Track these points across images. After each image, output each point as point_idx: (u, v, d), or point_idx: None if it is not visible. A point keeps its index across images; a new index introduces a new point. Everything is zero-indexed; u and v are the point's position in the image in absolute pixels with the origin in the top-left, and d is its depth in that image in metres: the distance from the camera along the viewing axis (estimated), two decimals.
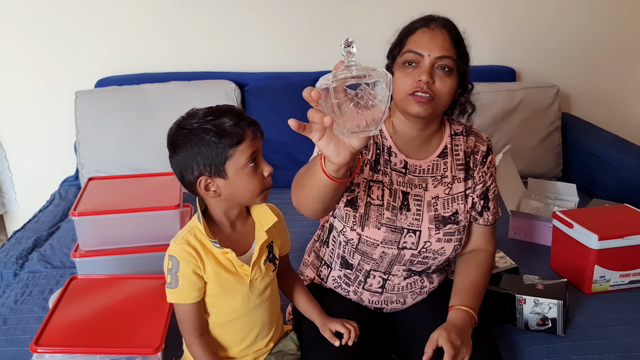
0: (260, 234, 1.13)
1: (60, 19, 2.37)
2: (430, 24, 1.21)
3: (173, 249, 1.08)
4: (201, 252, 1.08)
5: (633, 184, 2.08)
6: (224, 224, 1.13)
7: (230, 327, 1.14)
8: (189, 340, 1.11)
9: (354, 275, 1.30)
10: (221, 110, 1.06)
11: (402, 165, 1.25)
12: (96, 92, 2.34)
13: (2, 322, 1.46)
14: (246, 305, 1.12)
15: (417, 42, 1.19)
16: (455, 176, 1.26)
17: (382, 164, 1.24)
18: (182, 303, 1.09)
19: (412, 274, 1.29)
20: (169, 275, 1.08)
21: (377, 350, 1.26)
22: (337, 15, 2.47)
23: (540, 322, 1.35)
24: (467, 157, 1.28)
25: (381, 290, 1.30)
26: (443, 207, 1.25)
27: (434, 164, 1.26)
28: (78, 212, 1.54)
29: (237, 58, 2.49)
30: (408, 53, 1.19)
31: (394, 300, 1.31)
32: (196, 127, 1.04)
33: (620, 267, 1.51)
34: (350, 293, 1.32)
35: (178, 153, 1.07)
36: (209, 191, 1.07)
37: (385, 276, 1.28)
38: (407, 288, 1.30)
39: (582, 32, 2.63)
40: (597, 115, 2.67)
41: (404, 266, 1.27)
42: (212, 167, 1.05)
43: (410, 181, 1.24)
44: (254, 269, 1.11)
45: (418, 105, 1.16)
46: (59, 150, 2.51)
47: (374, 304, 1.32)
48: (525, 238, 1.86)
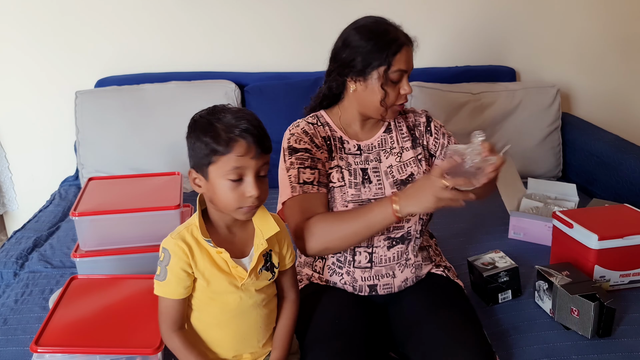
0: (260, 241, 1.12)
1: (61, 19, 2.37)
2: (404, 39, 1.32)
3: (168, 242, 1.09)
4: (195, 249, 1.08)
5: (633, 184, 2.08)
6: (220, 226, 1.13)
7: (225, 327, 1.13)
8: (166, 334, 1.11)
9: (343, 257, 1.36)
10: (239, 115, 1.04)
11: (356, 149, 1.40)
12: (96, 92, 2.34)
13: (2, 322, 1.46)
14: (239, 305, 1.12)
15: (404, 61, 1.31)
16: (402, 146, 1.42)
17: (335, 151, 1.38)
18: (167, 297, 1.09)
19: (394, 243, 1.36)
20: (159, 266, 1.08)
21: (376, 348, 1.27)
22: (337, 16, 2.47)
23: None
24: (411, 130, 1.45)
25: (370, 264, 1.35)
26: (399, 172, 1.39)
27: (382, 139, 1.42)
28: (78, 212, 1.54)
29: (237, 58, 2.50)
30: (398, 72, 1.31)
31: (383, 273, 1.36)
32: (204, 122, 1.04)
33: (620, 267, 1.51)
34: (344, 275, 1.37)
35: (188, 135, 1.08)
36: (195, 184, 1.09)
37: (369, 249, 1.35)
38: (393, 259, 1.37)
39: (583, 32, 2.63)
40: (597, 115, 2.67)
41: (383, 235, 1.35)
42: (198, 163, 1.06)
43: (366, 158, 1.39)
44: (250, 276, 1.11)
45: (395, 113, 1.36)
46: (59, 150, 2.51)
47: (366, 281, 1.36)
48: (525, 238, 1.86)
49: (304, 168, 1.31)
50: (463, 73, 2.53)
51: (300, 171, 1.31)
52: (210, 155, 1.03)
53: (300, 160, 1.32)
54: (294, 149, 1.33)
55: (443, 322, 1.25)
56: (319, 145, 1.36)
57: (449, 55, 2.57)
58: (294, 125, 1.39)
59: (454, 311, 1.29)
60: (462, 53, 2.59)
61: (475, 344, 1.19)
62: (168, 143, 2.21)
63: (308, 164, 1.31)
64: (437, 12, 2.50)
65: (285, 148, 1.35)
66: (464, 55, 2.59)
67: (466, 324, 1.25)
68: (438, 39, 2.54)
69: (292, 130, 1.37)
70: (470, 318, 1.28)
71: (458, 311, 1.29)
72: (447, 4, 2.50)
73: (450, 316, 1.26)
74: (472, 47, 2.60)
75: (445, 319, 1.26)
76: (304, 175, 1.30)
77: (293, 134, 1.36)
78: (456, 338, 1.20)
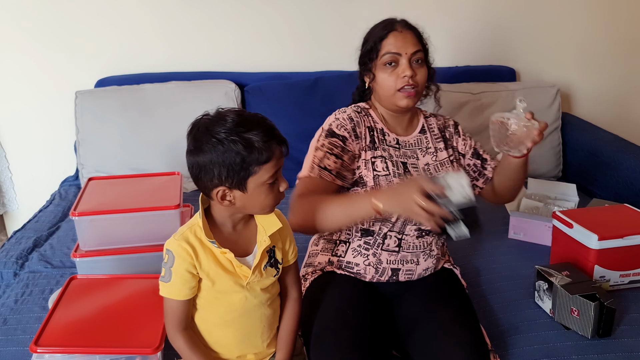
0: (263, 238, 1.12)
1: (61, 19, 2.37)
2: (396, 26, 1.40)
3: (171, 244, 1.08)
4: (199, 250, 1.08)
5: (633, 184, 2.08)
6: (226, 225, 1.13)
7: (230, 327, 1.14)
8: (171, 333, 1.11)
9: (373, 240, 1.40)
10: (253, 122, 1.03)
11: (395, 142, 1.44)
12: (96, 92, 2.34)
13: (2, 322, 1.46)
14: (244, 305, 1.12)
15: (393, 44, 1.37)
16: (437, 147, 1.48)
17: (377, 142, 1.41)
18: (172, 298, 1.09)
19: (423, 233, 1.41)
20: (164, 268, 1.08)
21: (380, 342, 1.28)
22: (337, 16, 2.48)
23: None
24: (442, 132, 1.51)
25: (397, 249, 1.39)
26: (435, 171, 1.45)
27: (418, 139, 1.48)
28: (78, 212, 1.54)
29: (237, 58, 2.50)
30: (387, 55, 1.37)
31: (409, 259, 1.40)
32: (225, 137, 1.00)
33: (620, 267, 1.51)
34: (370, 257, 1.39)
35: (200, 156, 1.03)
36: (224, 200, 1.06)
37: (400, 235, 1.39)
38: (419, 247, 1.41)
39: (583, 32, 2.63)
40: (597, 115, 2.67)
41: (415, 225, 1.39)
42: (234, 180, 1.03)
43: (405, 153, 1.44)
44: (255, 273, 1.11)
45: (407, 98, 1.38)
46: (59, 150, 2.51)
47: (391, 264, 1.39)
48: (525, 238, 1.86)
49: (331, 154, 1.35)
50: (463, 73, 2.53)
51: (327, 156, 1.35)
52: (251, 167, 1.02)
53: (331, 146, 1.36)
54: (332, 133, 1.38)
55: (438, 318, 1.26)
56: (358, 135, 1.39)
57: (449, 55, 2.57)
58: (341, 111, 1.43)
59: (452, 309, 1.30)
60: (462, 53, 2.59)
61: (471, 342, 1.20)
62: (168, 143, 2.20)
63: (336, 152, 1.35)
64: (437, 13, 2.50)
65: (325, 129, 1.39)
66: (464, 55, 2.59)
67: (461, 321, 1.25)
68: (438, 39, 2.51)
69: (337, 115, 1.41)
70: (468, 317, 1.29)
71: (456, 310, 1.30)
72: (447, 4, 2.50)
73: (448, 314, 1.27)
74: (472, 47, 2.60)
75: (443, 317, 1.26)
76: (328, 161, 1.34)
77: (338, 118, 1.40)
78: (452, 336, 1.21)
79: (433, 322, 1.26)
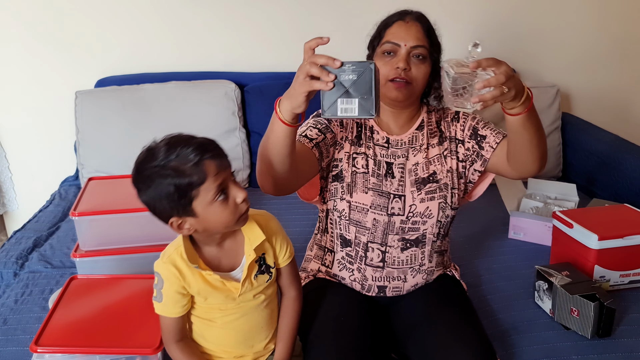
0: (249, 252, 1.10)
1: (61, 19, 2.37)
2: (405, 17, 1.35)
3: (159, 266, 1.09)
4: (186, 272, 1.07)
5: (633, 184, 2.08)
6: (208, 244, 1.11)
7: (227, 329, 1.14)
8: (168, 345, 1.14)
9: (354, 252, 1.36)
10: (181, 145, 0.99)
11: (385, 141, 1.38)
12: (96, 92, 2.34)
13: (2, 322, 1.46)
14: (238, 311, 1.12)
15: (395, 34, 1.32)
16: (429, 143, 1.38)
17: (364, 139, 1.36)
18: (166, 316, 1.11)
19: (408, 245, 1.34)
20: (155, 289, 1.10)
21: (378, 347, 1.27)
22: (337, 16, 2.47)
23: None
24: (438, 124, 1.41)
25: (382, 264, 1.34)
26: (422, 170, 1.36)
27: (414, 136, 1.39)
28: (78, 212, 1.54)
29: (237, 58, 2.49)
30: (386, 44, 1.32)
31: (395, 276, 1.35)
32: (154, 171, 0.99)
33: (620, 267, 1.51)
34: (354, 272, 1.36)
35: (142, 195, 1.02)
36: (182, 229, 1.04)
37: (383, 248, 1.34)
38: (406, 263, 1.35)
39: (582, 32, 2.63)
40: (597, 115, 2.67)
41: (397, 235, 1.33)
42: (178, 209, 1.01)
43: (394, 153, 1.37)
44: (245, 285, 1.10)
45: (396, 90, 1.30)
46: (59, 150, 2.51)
47: (377, 281, 1.35)
48: (525, 238, 1.86)
49: (314, 127, 1.31)
50: None
51: (310, 128, 1.31)
52: (186, 193, 0.99)
53: (315, 122, 1.33)
54: (318, 114, 1.36)
55: (443, 322, 1.25)
56: (344, 124, 1.37)
57: (449, 55, 2.55)
58: None
59: (454, 311, 1.29)
60: (462, 53, 2.58)
61: (476, 342, 1.19)
62: None
63: (319, 127, 1.32)
64: (437, 13, 2.50)
65: (313, 115, 1.37)
66: (463, 55, 2.58)
67: (466, 324, 1.24)
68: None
69: None
70: (471, 318, 1.28)
71: (458, 311, 1.29)
72: (447, 4, 2.50)
73: (451, 316, 1.26)
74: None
75: (446, 319, 1.25)
76: (310, 132, 1.30)
77: None
78: (456, 337, 1.20)
79: (434, 324, 1.24)
